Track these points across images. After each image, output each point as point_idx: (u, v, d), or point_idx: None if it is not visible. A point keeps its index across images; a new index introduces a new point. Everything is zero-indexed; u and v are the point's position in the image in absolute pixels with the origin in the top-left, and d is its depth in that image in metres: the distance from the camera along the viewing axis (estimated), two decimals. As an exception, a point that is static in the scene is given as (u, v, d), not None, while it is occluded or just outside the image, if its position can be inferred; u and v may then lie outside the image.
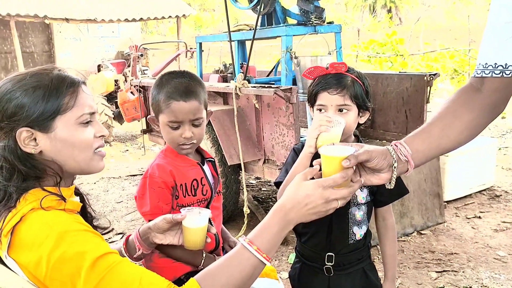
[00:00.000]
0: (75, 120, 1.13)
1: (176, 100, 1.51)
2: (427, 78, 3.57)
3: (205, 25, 32.32)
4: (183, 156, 1.63)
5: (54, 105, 1.10)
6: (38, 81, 1.11)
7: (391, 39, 13.94)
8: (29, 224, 1.03)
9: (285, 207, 1.09)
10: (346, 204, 1.56)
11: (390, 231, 1.71)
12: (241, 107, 3.65)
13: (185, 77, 1.58)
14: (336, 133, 1.48)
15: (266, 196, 4.62)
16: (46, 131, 1.10)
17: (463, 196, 4.26)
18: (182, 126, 1.54)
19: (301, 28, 3.63)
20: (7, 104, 1.09)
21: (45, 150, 1.11)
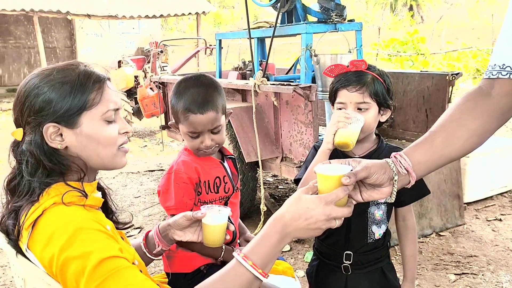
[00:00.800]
0: (101, 116, 1.14)
1: (194, 113, 1.53)
2: (449, 78, 3.51)
3: (225, 22, 32.39)
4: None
5: (81, 100, 1.11)
6: (65, 76, 1.12)
7: (413, 37, 13.77)
8: (48, 219, 1.04)
9: (285, 218, 1.05)
10: (365, 203, 1.56)
11: (410, 231, 1.69)
12: (260, 105, 3.65)
13: (202, 85, 1.57)
14: (354, 129, 1.47)
15: (283, 194, 4.61)
16: (72, 126, 1.11)
17: (483, 198, 4.18)
18: (202, 136, 1.56)
19: (321, 26, 3.60)
20: (35, 99, 1.10)
21: (71, 146, 1.12)
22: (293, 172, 3.38)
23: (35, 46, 12.92)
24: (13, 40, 13.96)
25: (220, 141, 1.60)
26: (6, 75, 14.09)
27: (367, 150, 1.63)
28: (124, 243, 1.20)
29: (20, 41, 14.06)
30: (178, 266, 1.60)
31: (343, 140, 1.47)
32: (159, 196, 1.62)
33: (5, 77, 14.11)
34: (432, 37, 15.67)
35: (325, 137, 1.52)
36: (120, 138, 1.19)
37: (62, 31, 14.27)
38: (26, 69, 14.29)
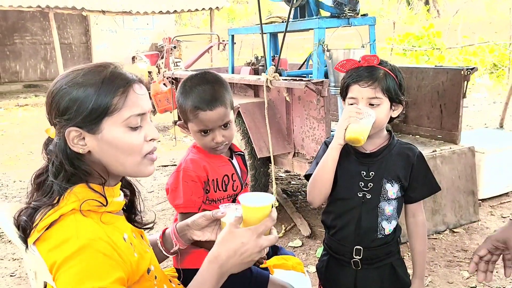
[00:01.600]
0: (122, 122, 1.09)
1: (203, 110, 1.53)
2: (464, 73, 3.47)
3: (238, 18, 32.34)
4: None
5: (102, 105, 1.07)
6: (90, 79, 1.09)
7: (428, 32, 13.57)
8: (62, 225, 1.03)
9: (221, 258, 1.07)
10: (376, 198, 1.56)
11: (420, 228, 1.69)
12: (272, 100, 3.64)
13: (208, 82, 1.58)
14: (365, 125, 1.46)
15: (295, 190, 4.61)
16: (93, 132, 1.08)
17: (499, 194, 4.12)
18: (212, 132, 1.57)
19: (334, 21, 3.58)
20: (60, 101, 1.08)
21: (93, 151, 1.10)
22: (305, 168, 3.37)
23: (51, 42, 13.07)
24: (29, 36, 14.13)
25: (230, 137, 1.60)
26: (22, 71, 14.28)
27: (378, 146, 1.62)
28: (142, 247, 1.18)
29: (36, 37, 14.22)
30: (189, 263, 1.61)
31: (354, 136, 1.47)
32: (167, 194, 1.63)
33: (22, 73, 14.30)
34: (448, 31, 15.44)
35: (336, 133, 1.52)
36: (146, 145, 1.13)
37: (77, 27, 14.40)
38: (43, 65, 14.47)
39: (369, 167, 1.59)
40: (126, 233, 1.13)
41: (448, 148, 3.51)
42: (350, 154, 1.61)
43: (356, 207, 1.60)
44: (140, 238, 1.24)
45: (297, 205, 4.15)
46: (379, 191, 1.58)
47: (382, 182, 1.58)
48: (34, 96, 11.81)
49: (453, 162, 3.50)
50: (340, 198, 1.63)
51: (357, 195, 1.59)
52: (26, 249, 1.10)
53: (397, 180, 1.59)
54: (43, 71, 14.48)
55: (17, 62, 14.16)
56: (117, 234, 1.10)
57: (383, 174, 1.58)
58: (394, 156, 1.61)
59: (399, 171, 1.60)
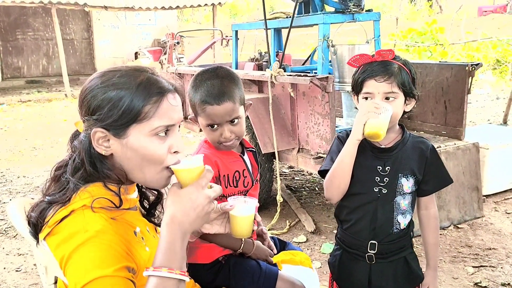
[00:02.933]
0: (150, 132, 1.08)
1: (210, 105, 1.53)
2: (469, 68, 3.46)
3: (240, 13, 32.27)
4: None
5: (133, 112, 1.06)
6: (125, 83, 1.08)
7: (431, 27, 13.53)
8: (71, 220, 1.04)
9: (177, 218, 1.04)
10: (391, 193, 1.57)
11: (432, 220, 1.70)
12: (276, 96, 3.64)
13: (218, 77, 1.58)
14: (384, 120, 1.47)
15: (299, 185, 4.61)
16: (119, 136, 1.08)
17: (503, 190, 4.12)
18: (221, 127, 1.56)
19: (339, 16, 3.57)
20: (91, 100, 1.08)
21: (116, 155, 1.10)
22: (310, 164, 3.37)
23: (53, 38, 13.07)
24: (32, 32, 14.14)
25: (239, 133, 1.60)
26: (25, 66, 14.29)
27: (393, 140, 1.63)
28: (155, 241, 1.18)
29: (39, 33, 14.23)
30: (197, 257, 1.62)
31: (374, 130, 1.47)
32: None
33: (24, 69, 14.31)
34: (451, 27, 15.39)
35: (354, 128, 1.52)
36: (170, 157, 1.12)
37: (80, 23, 14.39)
38: (45, 60, 14.47)
39: (385, 161, 1.60)
40: (138, 227, 1.13)
41: (452, 144, 3.51)
42: (366, 149, 1.61)
43: (372, 202, 1.61)
44: (154, 232, 1.25)
45: (301, 200, 4.15)
46: (394, 185, 1.59)
47: (398, 176, 1.59)
48: (36, 92, 11.81)
49: (458, 158, 3.49)
50: (356, 193, 1.63)
51: (373, 190, 1.60)
52: (37, 244, 1.11)
53: (412, 174, 1.60)
54: (45, 67, 14.48)
55: (19, 58, 14.17)
56: (128, 228, 1.11)
57: (398, 168, 1.59)
58: (408, 150, 1.62)
59: (414, 165, 1.61)
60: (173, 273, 1.00)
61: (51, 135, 7.16)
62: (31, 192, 4.70)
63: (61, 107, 9.78)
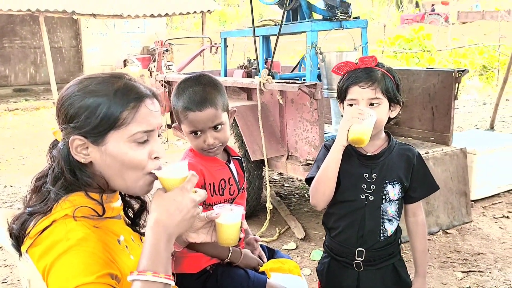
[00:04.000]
0: (128, 138, 1.07)
1: (192, 111, 1.54)
2: (455, 75, 3.49)
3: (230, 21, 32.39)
4: (212, 156, 1.65)
5: (111, 119, 1.05)
6: (102, 90, 1.07)
7: (418, 34, 13.70)
8: (53, 230, 1.03)
9: (162, 221, 1.03)
10: (378, 200, 1.57)
11: (420, 227, 1.70)
12: (265, 103, 3.64)
13: (200, 84, 1.58)
14: (367, 125, 1.47)
15: (288, 192, 4.61)
16: (97, 143, 1.07)
17: (490, 195, 4.15)
18: (204, 134, 1.57)
19: (326, 24, 3.59)
20: (68, 107, 1.07)
21: (95, 162, 1.09)
22: (299, 170, 3.38)
23: (41, 46, 12.98)
24: (19, 40, 14.04)
25: (223, 139, 1.60)
26: (12, 75, 14.17)
27: (379, 147, 1.64)
28: (140, 250, 1.15)
29: (26, 41, 14.13)
30: (184, 267, 1.60)
31: (358, 136, 1.47)
32: None
33: (11, 77, 14.19)
34: (438, 33, 15.58)
35: (338, 134, 1.53)
36: (150, 163, 1.11)
37: (68, 31, 14.33)
38: (32, 69, 14.37)
39: (371, 169, 1.60)
40: (122, 235, 1.12)
41: (440, 149, 3.54)
42: (352, 157, 1.61)
43: (359, 209, 1.61)
44: (139, 241, 1.23)
45: (291, 207, 4.15)
46: (381, 192, 1.60)
47: (384, 183, 1.60)
48: (24, 100, 11.71)
49: (445, 164, 3.52)
50: (343, 201, 1.63)
51: (360, 197, 1.60)
52: (20, 257, 1.09)
53: (399, 181, 1.61)
54: (33, 75, 14.37)
55: (6, 66, 14.05)
56: (111, 236, 1.10)
57: (385, 175, 1.60)
58: (395, 157, 1.62)
59: (401, 172, 1.62)
60: (158, 276, 0.98)
61: (39, 144, 7.09)
62: (18, 202, 4.64)
63: (49, 116, 9.70)
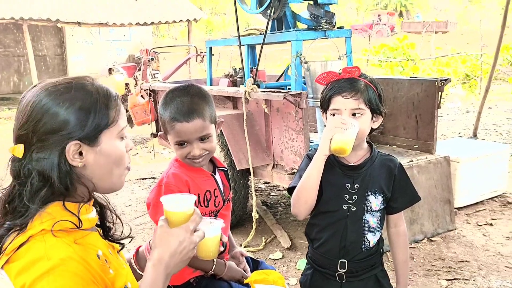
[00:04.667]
0: (117, 134, 1.14)
1: (180, 122, 1.53)
2: (438, 84, 3.54)
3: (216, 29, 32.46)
4: (198, 167, 1.64)
5: (104, 119, 1.10)
6: (85, 94, 1.10)
7: (402, 43, 13.88)
8: (31, 246, 1.00)
9: (164, 260, 1.10)
10: (360, 210, 1.57)
11: (402, 237, 1.71)
12: (251, 112, 3.65)
13: (188, 95, 1.57)
14: (350, 135, 1.48)
15: (275, 201, 4.60)
16: (93, 145, 1.09)
17: (474, 202, 4.20)
18: (190, 145, 1.55)
19: (311, 33, 3.62)
20: (53, 118, 1.06)
21: (88, 165, 1.10)
22: (285, 179, 3.38)
23: (24, 54, 12.86)
24: (2, 49, 13.88)
25: (209, 150, 1.58)
26: (-5, 83, 13.99)
27: (361, 158, 1.64)
28: (118, 262, 1.16)
29: (10, 50, 13.97)
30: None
31: (340, 145, 1.47)
32: (148, 208, 1.60)
33: (-5, 86, 14.01)
34: (422, 42, 15.80)
35: (320, 143, 1.53)
36: (126, 156, 1.18)
37: (52, 39, 14.21)
38: (16, 77, 14.19)
39: (354, 179, 1.60)
40: (100, 249, 1.10)
41: (424, 158, 3.57)
42: (334, 167, 1.61)
43: (342, 220, 1.60)
44: (117, 254, 1.22)
45: (277, 216, 4.14)
46: (363, 203, 1.60)
47: (366, 194, 1.60)
48: (7, 109, 11.55)
49: (430, 172, 3.55)
50: (325, 211, 1.63)
51: (342, 208, 1.60)
52: None
53: (380, 191, 1.61)
54: (17, 84, 14.20)
55: (-11, 75, 13.87)
56: (90, 252, 1.07)
57: (367, 186, 1.60)
58: (377, 167, 1.63)
59: (383, 183, 1.62)
60: None
61: (22, 153, 6.99)
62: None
63: (32, 124, 9.57)
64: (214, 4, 37.80)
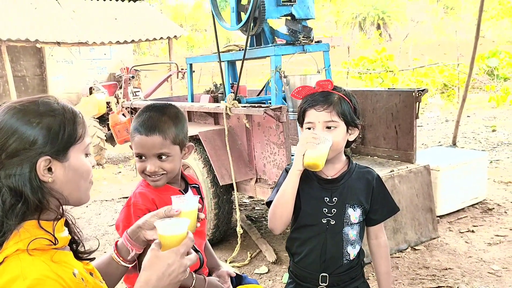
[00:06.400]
0: (83, 149, 1.18)
1: (140, 134, 1.55)
2: (416, 94, 3.61)
3: (197, 45, 32.56)
4: (165, 185, 1.62)
5: (73, 135, 1.14)
6: (53, 111, 1.13)
7: (381, 55, 14.10)
8: (6, 267, 1.00)
9: (152, 283, 1.11)
10: (339, 223, 1.58)
11: (383, 248, 1.72)
12: (232, 127, 3.66)
13: (159, 112, 1.59)
14: (322, 150, 1.49)
15: (259, 215, 4.60)
16: (62, 160, 1.12)
17: (455, 210, 4.26)
18: (147, 160, 1.56)
19: (289, 48, 3.67)
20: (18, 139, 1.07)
21: (57, 180, 1.11)
22: (268, 193, 3.38)
23: (3, 75, 12.70)
24: (-19, 70, 13.70)
25: (168, 169, 1.57)
26: (-26, 105, 13.77)
27: (338, 171, 1.65)
28: (95, 281, 1.16)
29: (-12, 71, 13.80)
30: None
31: (312, 161, 1.49)
32: (118, 230, 1.58)
33: (-27, 108, 13.78)
34: (400, 54, 16.08)
35: (294, 159, 1.54)
36: (91, 171, 1.22)
37: (31, 59, 14.07)
38: (-5, 98, 13.99)
39: (332, 192, 1.61)
40: (76, 268, 1.10)
41: (405, 167, 3.62)
42: (312, 181, 1.62)
43: (321, 233, 1.61)
44: (95, 273, 1.22)
45: (262, 231, 4.14)
46: (342, 216, 1.60)
47: (345, 207, 1.60)
48: (-14, 131, 11.37)
49: (411, 181, 3.60)
50: (305, 225, 1.63)
51: (322, 221, 1.61)
52: None
53: (359, 204, 1.62)
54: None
55: (-33, 96, 13.65)
56: (66, 270, 1.07)
57: (345, 199, 1.61)
58: (355, 180, 1.64)
59: (361, 195, 1.63)
60: None
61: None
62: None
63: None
64: (194, 21, 37.99)
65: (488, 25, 25.27)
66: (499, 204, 4.45)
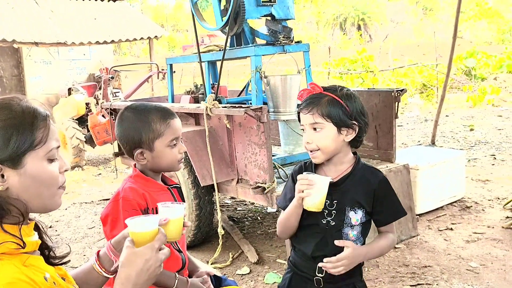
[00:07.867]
0: (44, 155, 1.10)
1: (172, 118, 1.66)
2: (395, 94, 3.64)
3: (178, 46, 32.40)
4: (153, 181, 1.66)
5: (28, 141, 1.07)
6: (9, 114, 1.07)
7: (361, 56, 14.24)
8: None
9: (132, 279, 1.14)
10: (339, 224, 1.59)
11: (390, 236, 1.68)
12: (213, 128, 3.65)
13: (153, 105, 1.71)
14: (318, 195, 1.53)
15: (241, 216, 4.59)
16: (15, 167, 1.06)
17: (434, 208, 4.32)
18: (178, 143, 1.68)
19: (269, 48, 3.67)
20: None
21: (12, 187, 1.07)
22: (250, 194, 3.37)
23: (-21, 76, 12.44)
24: (-44, 71, 13.39)
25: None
26: (-52, 107, 13.46)
27: (341, 173, 1.64)
28: (67, 285, 1.15)
29: (-37, 71, 13.50)
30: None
31: (311, 209, 1.56)
32: (105, 225, 1.58)
33: None
34: (380, 55, 16.26)
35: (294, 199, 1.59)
36: (60, 177, 1.16)
37: (9, 60, 13.81)
38: (-29, 100, 13.69)
39: (332, 195, 1.60)
40: (47, 272, 1.08)
41: (385, 166, 3.65)
42: None
43: (320, 233, 1.63)
44: (67, 277, 1.20)
45: (244, 231, 4.13)
46: (342, 218, 1.60)
47: (345, 210, 1.60)
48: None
49: (391, 180, 3.58)
50: (305, 225, 1.65)
51: (321, 222, 1.62)
52: None
53: (359, 207, 1.61)
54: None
55: None
56: (37, 274, 1.05)
57: (345, 202, 1.60)
58: (356, 183, 1.62)
59: (361, 198, 1.61)
60: None
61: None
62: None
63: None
64: (175, 21, 37.82)
65: (466, 26, 25.74)
66: (476, 202, 4.53)
